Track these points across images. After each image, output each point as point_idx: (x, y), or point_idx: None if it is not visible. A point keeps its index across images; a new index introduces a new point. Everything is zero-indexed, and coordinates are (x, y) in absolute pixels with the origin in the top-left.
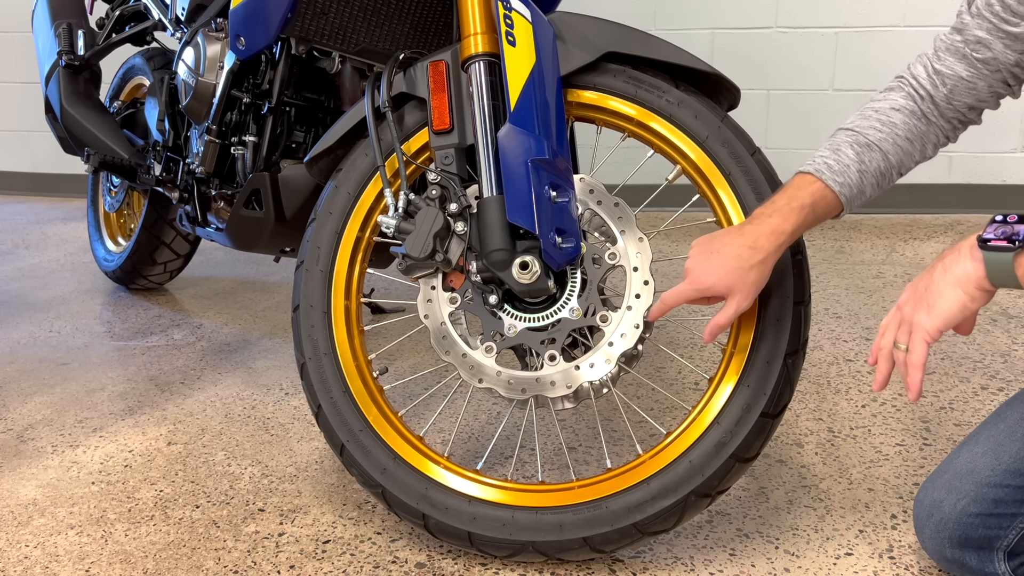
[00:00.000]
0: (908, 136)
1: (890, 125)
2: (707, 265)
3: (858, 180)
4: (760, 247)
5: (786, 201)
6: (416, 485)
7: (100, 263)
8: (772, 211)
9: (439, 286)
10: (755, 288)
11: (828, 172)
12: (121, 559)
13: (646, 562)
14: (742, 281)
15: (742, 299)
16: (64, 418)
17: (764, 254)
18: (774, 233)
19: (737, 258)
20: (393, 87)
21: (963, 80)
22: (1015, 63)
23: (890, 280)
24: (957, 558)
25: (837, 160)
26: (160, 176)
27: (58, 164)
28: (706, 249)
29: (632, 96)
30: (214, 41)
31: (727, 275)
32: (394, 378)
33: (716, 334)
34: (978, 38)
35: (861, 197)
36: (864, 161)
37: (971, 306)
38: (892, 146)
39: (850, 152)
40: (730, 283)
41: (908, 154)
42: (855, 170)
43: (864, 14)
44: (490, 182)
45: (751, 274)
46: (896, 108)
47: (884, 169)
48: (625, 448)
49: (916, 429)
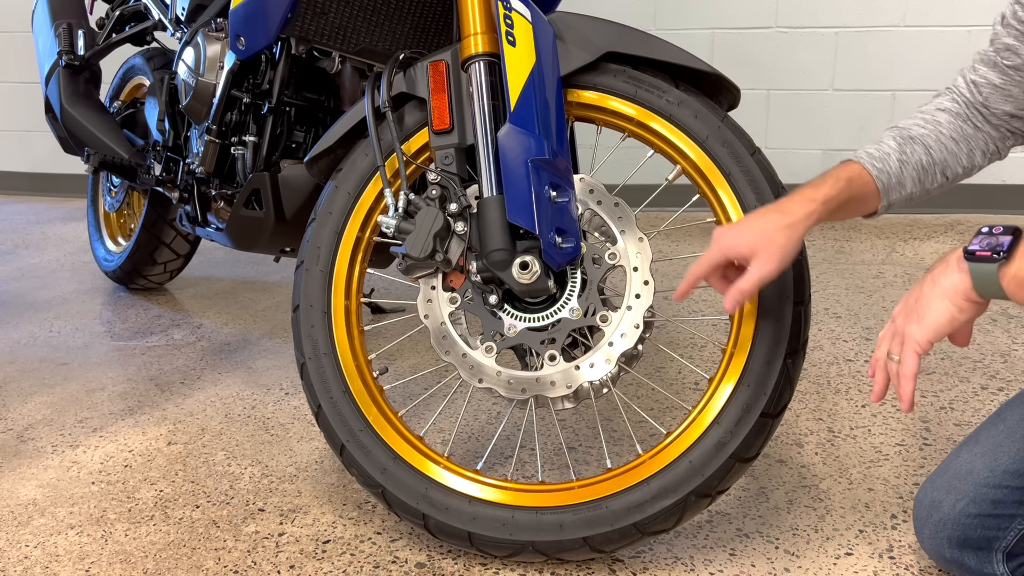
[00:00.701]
0: (953, 136)
1: (934, 123)
2: (735, 231)
3: (898, 169)
4: (788, 211)
5: (822, 177)
6: (416, 485)
7: (100, 263)
8: (806, 185)
9: (439, 286)
10: (781, 251)
11: (868, 158)
12: (121, 559)
13: (646, 562)
14: (768, 242)
15: (766, 261)
16: (64, 418)
17: (792, 218)
18: (804, 199)
19: (764, 219)
20: (393, 87)
21: (997, 88)
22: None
23: (890, 280)
24: (956, 558)
25: (878, 149)
26: (160, 176)
27: (58, 164)
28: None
29: (632, 96)
30: (214, 41)
31: (752, 234)
32: (394, 378)
33: (738, 302)
34: (1007, 45)
35: (900, 190)
36: (905, 152)
37: (960, 317)
38: (935, 142)
39: (891, 143)
40: (754, 242)
41: (953, 155)
42: (895, 159)
43: (864, 14)
44: (490, 182)
45: (779, 236)
46: (942, 108)
47: (926, 163)
48: (625, 448)
49: (916, 429)
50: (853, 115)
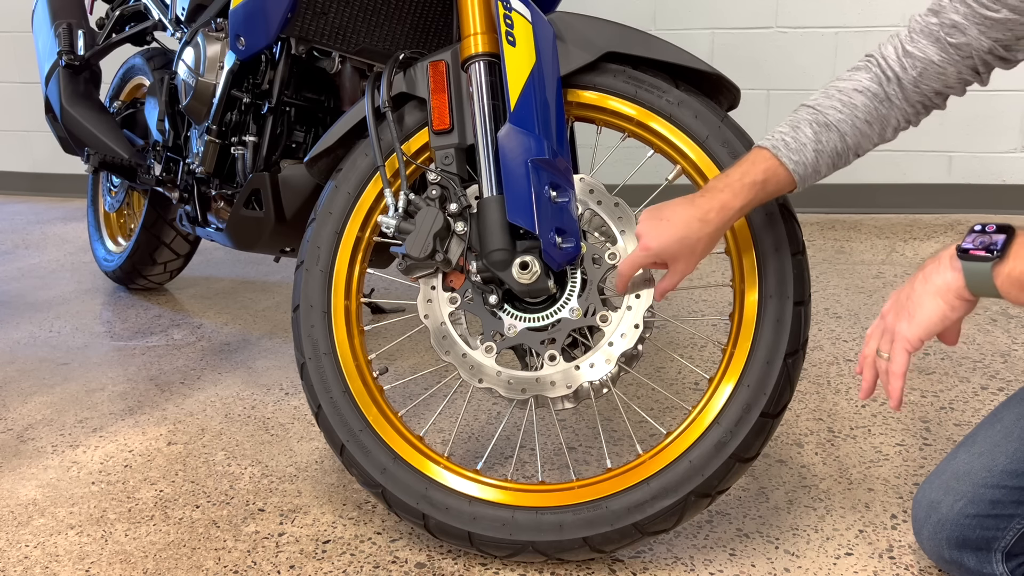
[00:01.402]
0: (868, 119)
1: (851, 107)
2: (656, 232)
3: (813, 160)
4: (710, 221)
5: (739, 176)
6: (416, 485)
7: (100, 263)
8: (724, 185)
9: (439, 286)
10: (698, 258)
11: (784, 149)
12: (121, 559)
13: (646, 562)
14: (690, 252)
15: (685, 266)
16: (64, 418)
17: (713, 228)
18: (724, 208)
19: (687, 227)
20: (393, 87)
21: (934, 64)
22: (988, 50)
23: (890, 280)
24: (955, 559)
25: (795, 138)
26: (160, 176)
27: (58, 164)
28: (656, 216)
29: (632, 96)
30: (214, 41)
31: (675, 243)
32: (394, 378)
33: (664, 295)
34: (954, 22)
35: (815, 176)
36: (821, 141)
37: (951, 315)
38: (851, 128)
39: (808, 131)
40: (676, 251)
41: (866, 136)
42: (811, 149)
43: (864, 14)
44: (490, 182)
45: (699, 245)
46: (859, 90)
47: (841, 150)
48: (625, 448)
49: (916, 429)
50: None
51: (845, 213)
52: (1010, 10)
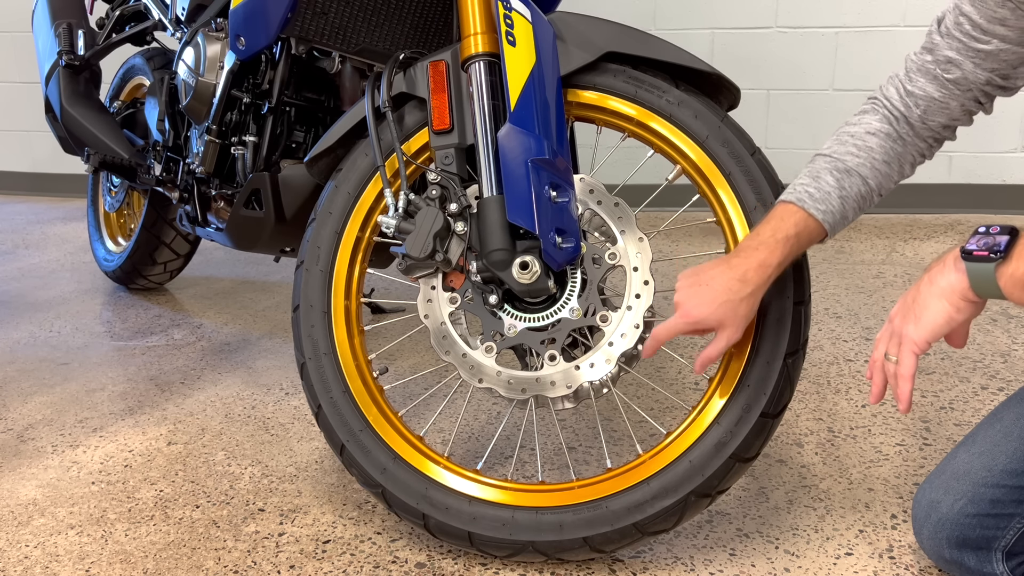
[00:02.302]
0: (885, 159)
1: (867, 150)
2: (697, 299)
3: (840, 206)
4: (749, 280)
5: (771, 233)
6: (416, 485)
7: (100, 263)
8: (758, 243)
9: (439, 286)
10: (745, 321)
11: (810, 200)
12: (121, 559)
13: (646, 562)
14: (733, 314)
15: (733, 332)
16: (64, 418)
17: (753, 287)
18: (762, 266)
19: (727, 291)
20: (393, 87)
21: (935, 100)
22: (985, 81)
23: (890, 280)
24: (955, 558)
25: (818, 188)
26: (160, 176)
27: (58, 164)
28: (695, 282)
29: (632, 96)
30: (214, 41)
31: (718, 308)
32: (394, 378)
33: (707, 365)
34: (948, 58)
35: (844, 223)
36: (844, 187)
37: (957, 317)
38: (870, 170)
39: (830, 179)
40: (721, 316)
41: (887, 176)
42: (836, 196)
43: (864, 14)
44: (490, 182)
45: (742, 307)
46: (871, 132)
47: (865, 193)
48: (625, 448)
49: (916, 429)
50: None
51: None
52: (1000, 39)
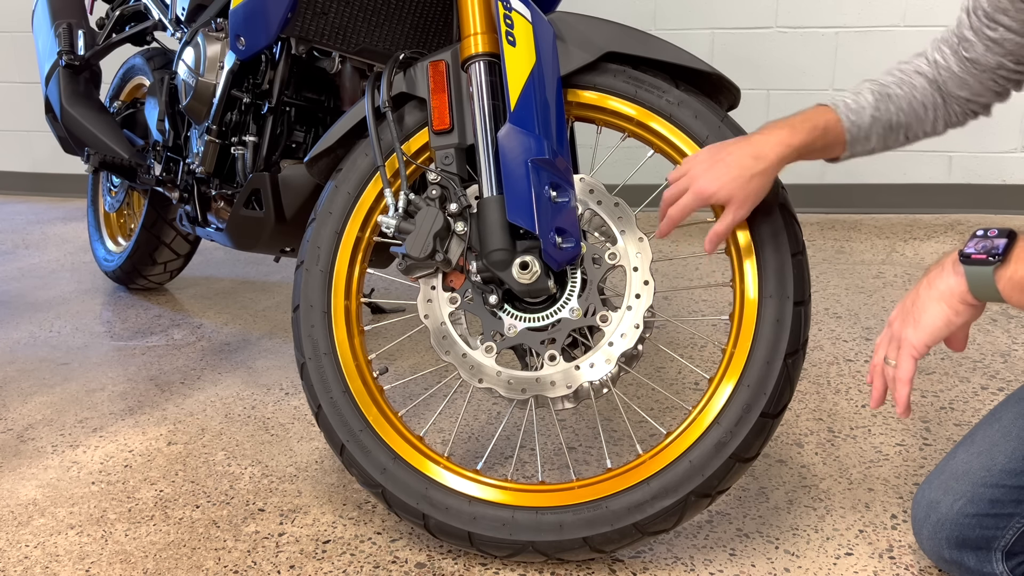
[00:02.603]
0: (924, 102)
1: (911, 86)
2: (710, 173)
3: (868, 124)
4: (764, 156)
5: (800, 119)
6: (416, 485)
7: (100, 263)
8: (784, 124)
9: (439, 286)
10: (755, 198)
11: (844, 108)
12: (121, 559)
13: (646, 562)
14: (742, 190)
15: (739, 208)
16: (64, 418)
17: (767, 164)
18: (780, 144)
19: (740, 167)
20: (393, 87)
21: (955, 74)
22: (997, 66)
23: (890, 280)
24: (955, 558)
25: (855, 101)
26: (160, 176)
27: (58, 164)
28: (713, 155)
29: (632, 96)
30: (214, 41)
31: (729, 183)
32: (394, 378)
33: (717, 243)
34: (965, 36)
35: (864, 144)
36: (880, 109)
37: (956, 320)
38: (908, 104)
39: (869, 97)
40: (731, 191)
41: (919, 119)
42: (869, 114)
43: (864, 14)
44: (490, 182)
45: (752, 183)
46: (919, 72)
47: (895, 124)
48: (625, 448)
49: (916, 429)
50: None
51: (845, 213)
52: (1005, 28)
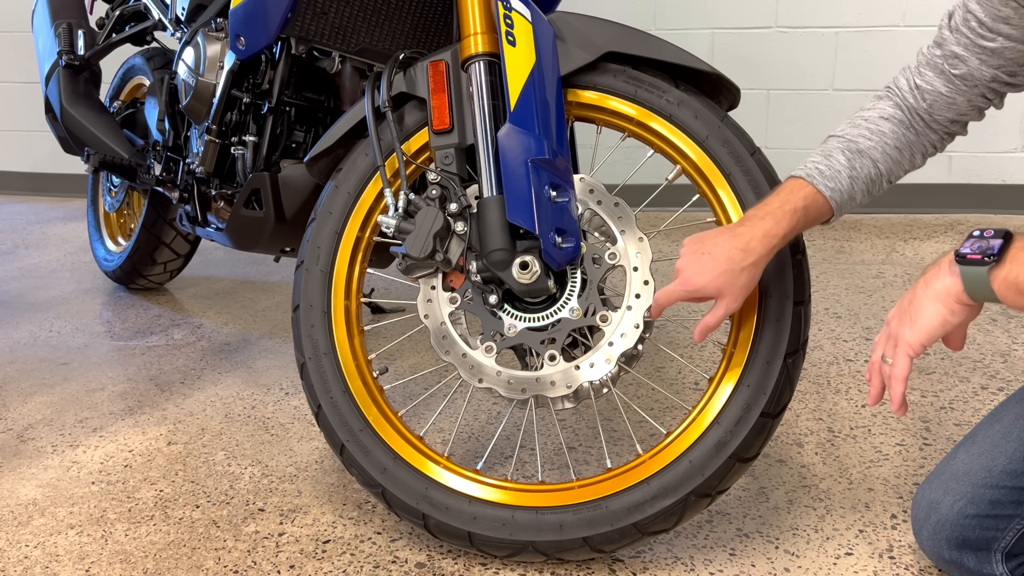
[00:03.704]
0: (897, 145)
1: (879, 134)
2: (698, 266)
3: (849, 186)
4: (752, 250)
5: (779, 204)
6: (416, 485)
7: (100, 263)
8: (765, 213)
9: (439, 286)
10: (745, 291)
11: (820, 177)
12: (121, 559)
13: (646, 562)
14: (732, 284)
15: (731, 301)
16: (64, 418)
17: (756, 256)
18: (767, 236)
19: (728, 260)
20: (393, 87)
21: (942, 95)
22: (991, 78)
23: (890, 280)
24: (955, 559)
25: (828, 166)
26: (160, 176)
27: (58, 164)
28: (698, 249)
29: (632, 96)
30: (214, 41)
31: (718, 277)
32: (394, 378)
33: (706, 334)
34: (955, 53)
35: (851, 203)
36: (855, 167)
37: (952, 320)
38: (882, 154)
39: (841, 158)
40: (720, 285)
41: (897, 163)
42: (846, 176)
43: (864, 14)
44: (490, 182)
45: (742, 276)
46: (885, 117)
47: (874, 176)
48: (625, 448)
49: (916, 429)
50: None
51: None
52: (1005, 38)
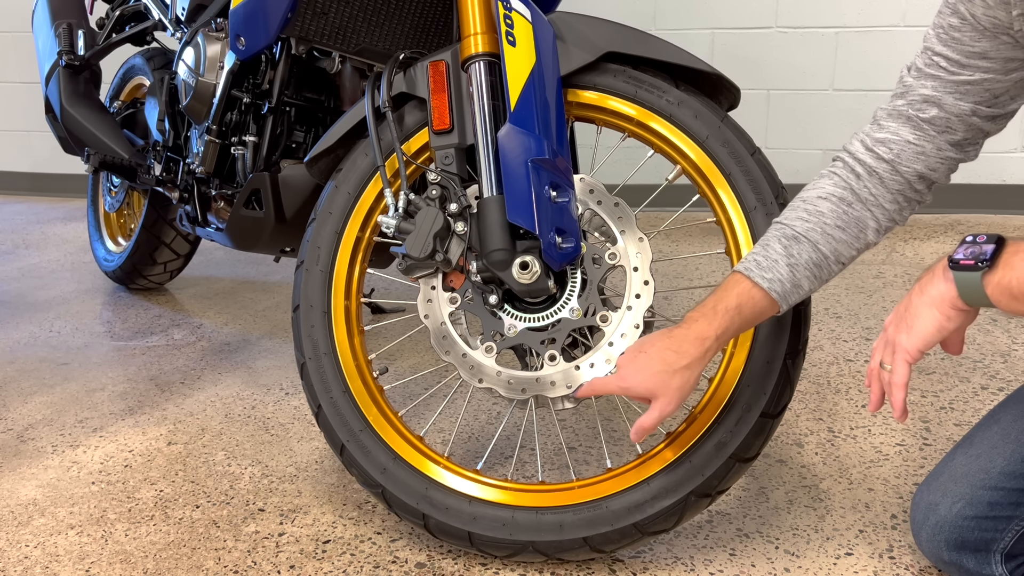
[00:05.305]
0: (838, 224)
1: (817, 215)
2: (633, 365)
3: (789, 274)
4: (685, 352)
5: (712, 304)
6: (416, 485)
7: (100, 263)
8: (700, 315)
9: (439, 286)
10: (679, 393)
11: (756, 269)
12: (121, 559)
13: (646, 562)
14: (665, 385)
15: (666, 403)
16: (64, 418)
17: (689, 359)
18: (698, 339)
19: (662, 361)
20: (393, 87)
21: (910, 144)
22: (971, 112)
23: (890, 280)
24: (954, 560)
25: (765, 256)
26: (160, 176)
27: (58, 164)
28: (636, 348)
29: (632, 96)
30: (214, 41)
31: (651, 378)
32: (394, 378)
33: (643, 436)
34: (925, 96)
35: (797, 292)
36: (792, 254)
37: (948, 325)
38: (821, 235)
39: (777, 247)
40: (652, 386)
41: (843, 242)
42: (784, 264)
43: (864, 14)
44: (490, 182)
45: (675, 379)
46: (823, 196)
47: (817, 260)
48: (625, 448)
49: (916, 429)
50: (853, 115)
51: None
52: (984, 71)
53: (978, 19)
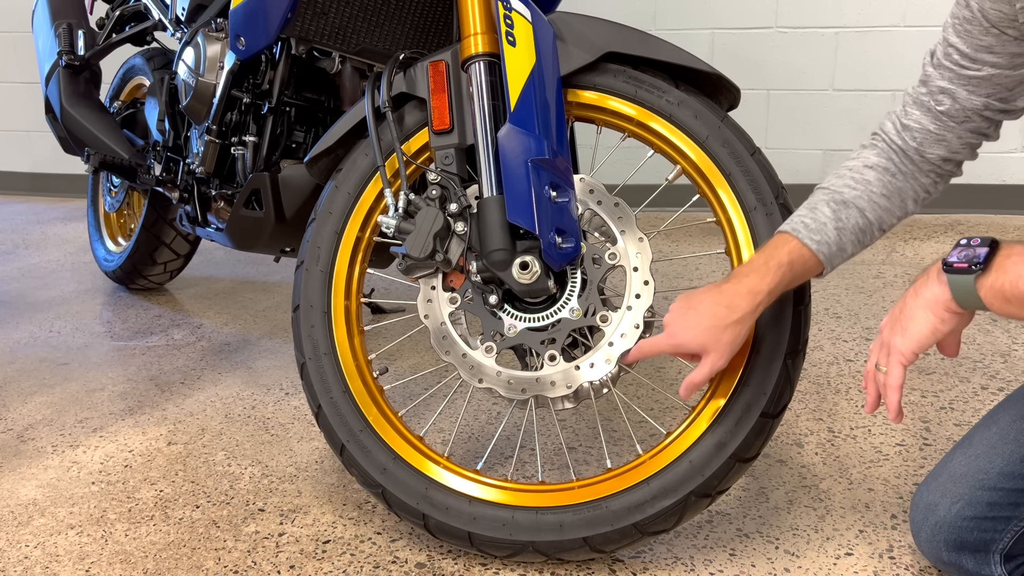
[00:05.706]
0: (884, 192)
1: (864, 183)
2: (684, 322)
3: (836, 237)
4: (736, 307)
5: (763, 260)
6: (416, 485)
7: (100, 263)
8: (750, 270)
9: (439, 286)
10: (730, 348)
11: (805, 231)
12: (121, 559)
13: (646, 562)
14: (716, 340)
15: (717, 358)
16: (64, 418)
17: (740, 314)
18: (751, 293)
19: (713, 316)
20: (393, 87)
21: (931, 133)
22: (983, 107)
23: (890, 280)
24: (954, 561)
25: (814, 219)
26: (160, 176)
27: (58, 164)
28: (685, 305)
29: (632, 96)
30: (214, 41)
31: (702, 333)
32: (394, 378)
33: (692, 392)
34: (941, 88)
35: (842, 255)
36: (841, 218)
37: (942, 328)
38: (868, 203)
39: (826, 210)
40: (704, 341)
41: (887, 210)
42: (832, 227)
43: (864, 14)
44: (490, 182)
45: (726, 334)
46: (869, 166)
47: (863, 226)
48: (625, 448)
49: (916, 429)
50: (853, 115)
51: None
52: (991, 66)
53: (985, 13)
